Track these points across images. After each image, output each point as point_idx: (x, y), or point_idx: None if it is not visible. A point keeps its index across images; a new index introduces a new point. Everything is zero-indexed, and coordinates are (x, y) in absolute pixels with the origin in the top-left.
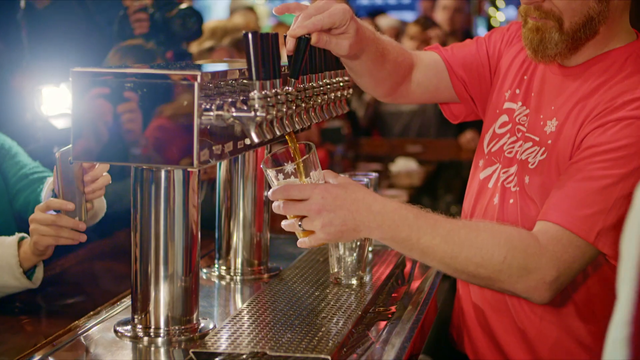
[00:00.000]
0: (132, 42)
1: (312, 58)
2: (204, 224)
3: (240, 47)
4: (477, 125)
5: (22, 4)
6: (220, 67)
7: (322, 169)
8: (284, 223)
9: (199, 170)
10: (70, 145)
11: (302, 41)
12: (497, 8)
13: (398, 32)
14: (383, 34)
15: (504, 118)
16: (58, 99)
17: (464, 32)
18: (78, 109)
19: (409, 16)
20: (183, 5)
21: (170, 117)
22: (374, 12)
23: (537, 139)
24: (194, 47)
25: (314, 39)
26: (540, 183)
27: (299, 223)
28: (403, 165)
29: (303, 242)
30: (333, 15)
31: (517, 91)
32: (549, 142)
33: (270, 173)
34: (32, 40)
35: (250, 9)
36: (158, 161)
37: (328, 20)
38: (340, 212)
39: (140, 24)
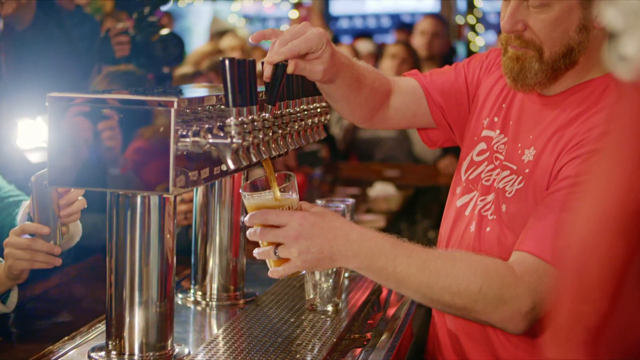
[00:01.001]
0: (123, 67)
1: (290, 84)
2: (180, 251)
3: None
4: (455, 150)
5: (0, 25)
6: (198, 92)
7: (300, 193)
8: (257, 251)
9: (175, 204)
10: (46, 169)
11: (280, 68)
12: (476, 33)
13: (377, 57)
14: (360, 59)
15: (482, 146)
16: (34, 133)
17: (443, 57)
18: (54, 134)
19: (389, 39)
20: (165, 31)
21: (147, 143)
22: (359, 35)
23: (514, 167)
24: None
25: (290, 68)
26: (517, 212)
27: (275, 250)
28: (381, 190)
29: (275, 271)
30: (309, 40)
31: (496, 119)
32: (527, 171)
33: (249, 199)
34: (11, 64)
35: (232, 32)
36: (134, 187)
37: (305, 46)
38: (318, 240)
39: (122, 46)
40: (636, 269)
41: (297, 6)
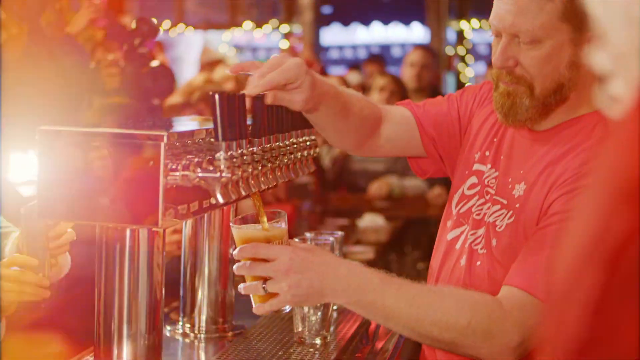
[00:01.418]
0: (117, 99)
1: (280, 117)
2: (171, 280)
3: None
4: (445, 181)
5: None
6: (188, 125)
7: (290, 224)
8: (242, 286)
9: (164, 238)
10: (35, 202)
11: (259, 100)
12: (466, 64)
13: (364, 88)
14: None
15: (473, 179)
16: (25, 166)
17: (433, 89)
18: (44, 167)
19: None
20: (155, 63)
21: (136, 176)
22: (350, 66)
23: (505, 202)
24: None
25: (269, 99)
26: (508, 246)
27: (263, 285)
28: (370, 221)
29: (261, 307)
30: (286, 72)
31: (487, 153)
32: (517, 205)
33: (238, 232)
34: (2, 96)
35: (224, 63)
36: (123, 220)
37: (282, 77)
38: (308, 275)
39: (112, 78)
40: (619, 292)
41: (287, 36)
